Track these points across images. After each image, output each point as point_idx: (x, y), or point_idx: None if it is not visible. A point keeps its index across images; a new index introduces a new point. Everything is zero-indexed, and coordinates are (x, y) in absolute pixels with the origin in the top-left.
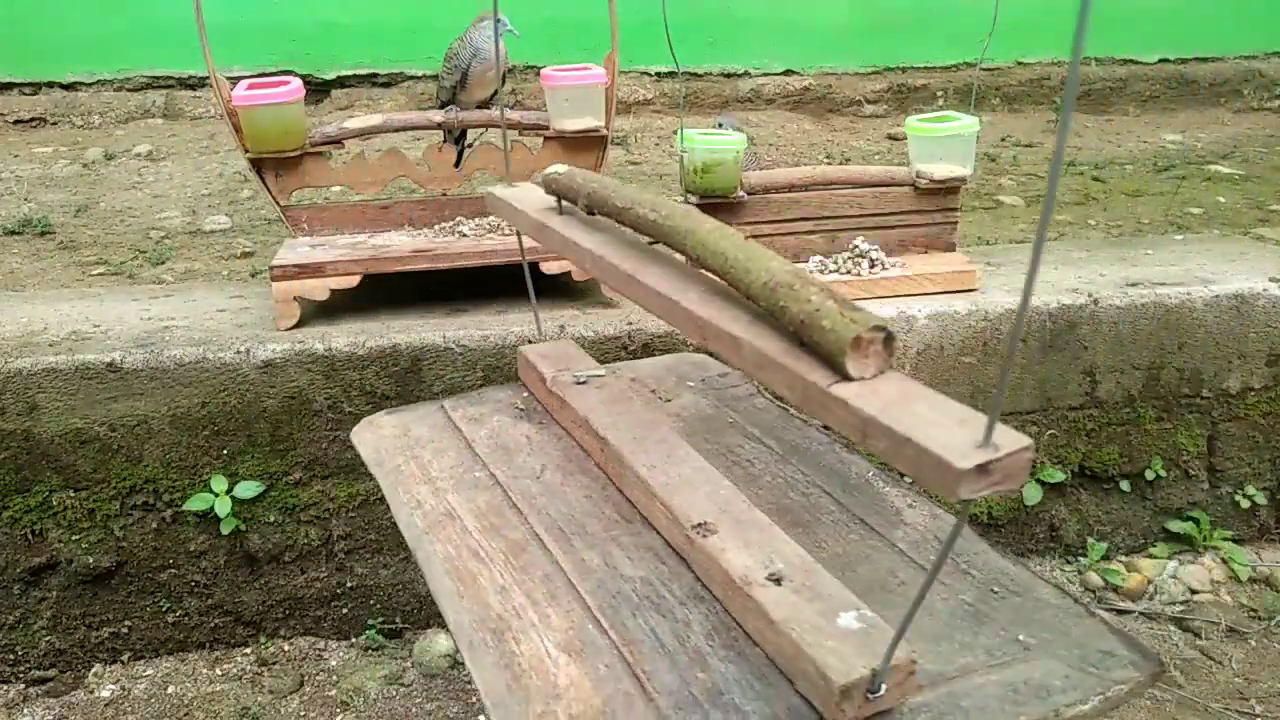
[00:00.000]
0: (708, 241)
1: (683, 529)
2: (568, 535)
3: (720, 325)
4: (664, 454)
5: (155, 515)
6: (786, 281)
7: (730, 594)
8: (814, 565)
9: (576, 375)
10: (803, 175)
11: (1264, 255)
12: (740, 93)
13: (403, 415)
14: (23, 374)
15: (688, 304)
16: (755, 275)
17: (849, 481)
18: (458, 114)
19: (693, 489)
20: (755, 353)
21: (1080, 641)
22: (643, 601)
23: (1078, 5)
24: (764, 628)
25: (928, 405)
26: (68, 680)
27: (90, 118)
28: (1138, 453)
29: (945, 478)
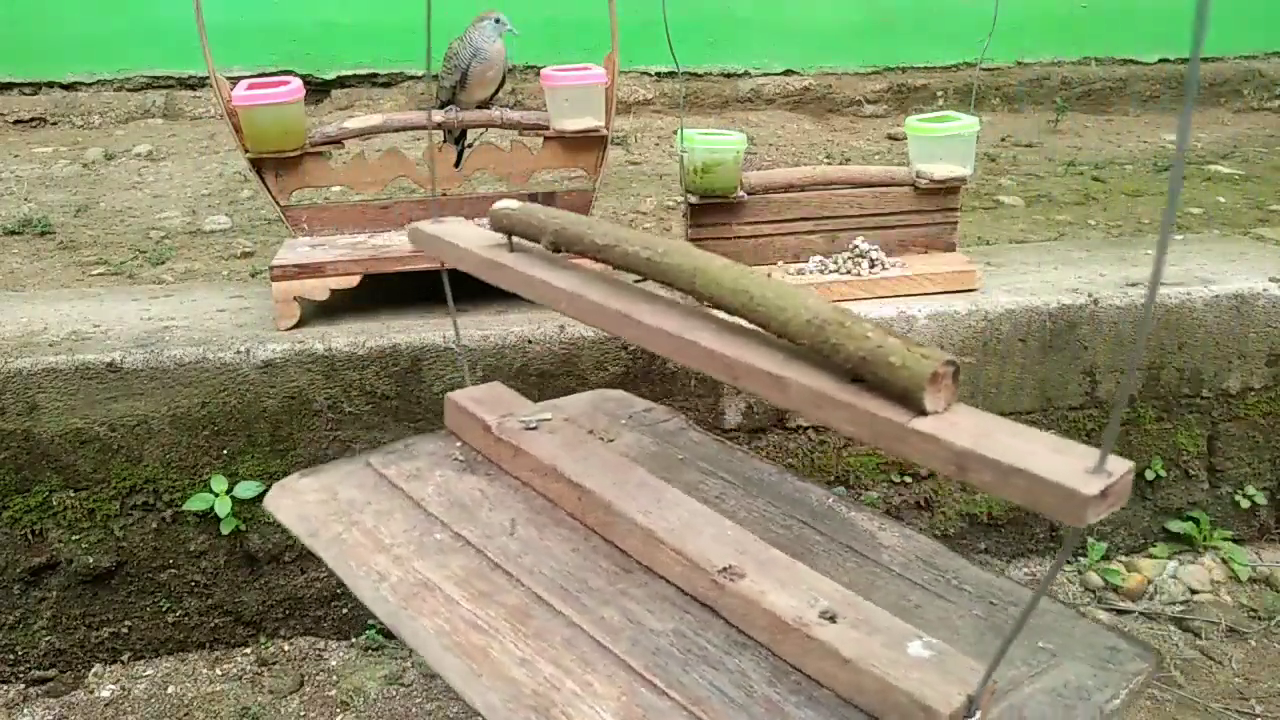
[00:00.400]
0: (723, 279)
1: (707, 575)
2: (572, 593)
3: (757, 364)
4: (652, 498)
5: (155, 515)
6: (835, 319)
7: (781, 637)
8: (855, 598)
9: (524, 420)
10: (803, 175)
11: (1264, 255)
12: (740, 93)
13: (323, 477)
14: (23, 374)
15: (709, 343)
16: (794, 313)
17: (815, 510)
18: (458, 114)
19: (698, 532)
20: (807, 392)
21: (1086, 641)
22: (687, 655)
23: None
24: (835, 668)
25: (1010, 434)
26: (68, 680)
27: (90, 118)
28: (1138, 453)
29: (1071, 505)
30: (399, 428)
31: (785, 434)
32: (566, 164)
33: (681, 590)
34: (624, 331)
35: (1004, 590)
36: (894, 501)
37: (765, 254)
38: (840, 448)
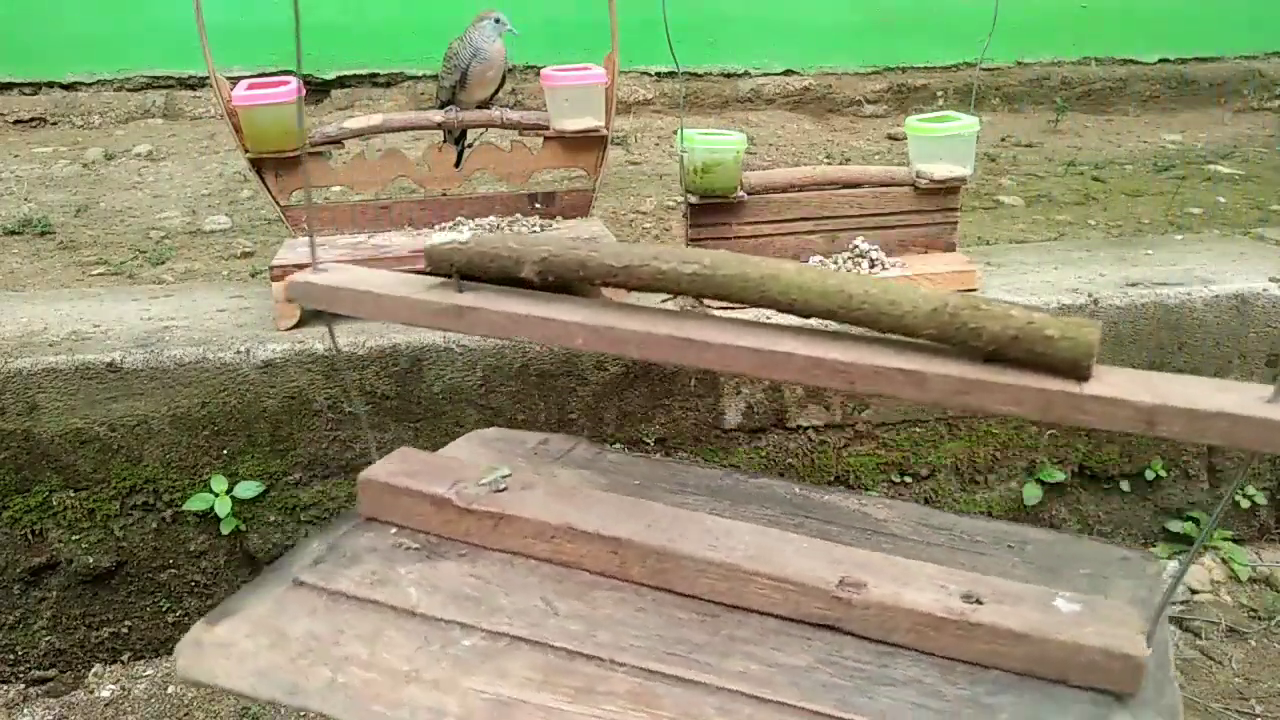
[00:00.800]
0: (808, 283)
1: (824, 593)
2: (683, 656)
3: (883, 364)
4: (699, 530)
5: (155, 515)
6: (968, 304)
7: (934, 633)
8: (973, 575)
9: (488, 483)
10: (803, 175)
11: (1264, 255)
12: (740, 93)
13: (248, 615)
14: (23, 374)
15: (811, 352)
16: (916, 305)
17: (795, 502)
18: (458, 114)
19: (781, 552)
20: (951, 381)
21: (1103, 559)
22: (853, 680)
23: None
24: (1008, 646)
25: (1180, 384)
26: (68, 680)
27: (90, 118)
28: (1138, 453)
29: (1273, 433)
30: (399, 428)
31: (785, 434)
32: (566, 164)
33: (786, 619)
34: (685, 357)
35: (1012, 533)
36: None
37: (765, 254)
38: (840, 448)
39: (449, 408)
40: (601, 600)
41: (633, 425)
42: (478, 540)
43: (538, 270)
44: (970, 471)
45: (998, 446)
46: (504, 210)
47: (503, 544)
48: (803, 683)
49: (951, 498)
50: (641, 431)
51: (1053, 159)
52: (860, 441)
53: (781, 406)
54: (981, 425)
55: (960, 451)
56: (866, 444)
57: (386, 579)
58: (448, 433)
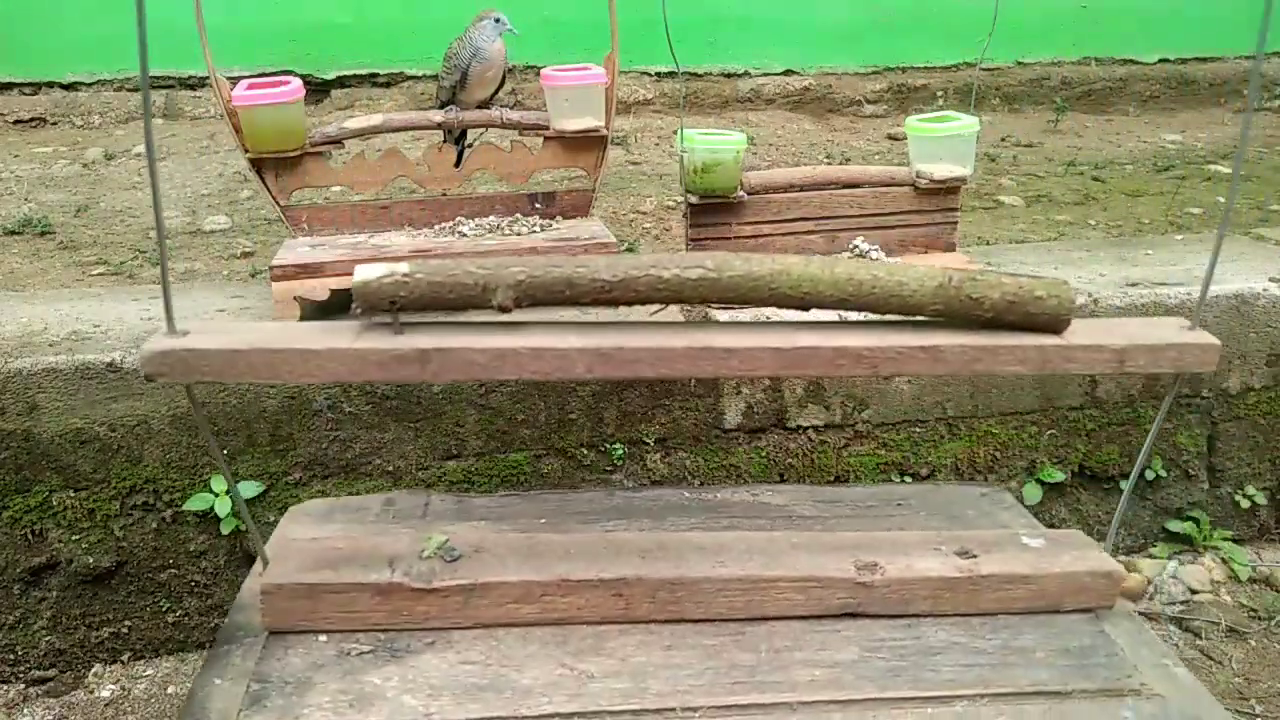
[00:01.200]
0: (818, 275)
1: (848, 580)
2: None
3: (903, 344)
4: (691, 550)
5: (155, 515)
6: (966, 276)
7: (948, 594)
8: (945, 534)
9: (441, 553)
10: (803, 175)
11: (1264, 255)
12: (740, 93)
13: None
14: (23, 374)
15: (837, 342)
16: (922, 283)
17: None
18: (458, 114)
19: (780, 554)
20: (963, 350)
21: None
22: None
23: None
24: (1012, 589)
25: (1121, 325)
26: (68, 680)
27: (90, 118)
28: (1137, 453)
29: (1208, 355)
30: (399, 428)
31: (785, 434)
32: (566, 164)
33: (806, 617)
34: (704, 369)
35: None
36: None
37: (765, 254)
38: (840, 448)
39: (449, 408)
40: (622, 649)
41: (632, 425)
42: (442, 621)
43: (513, 297)
44: (970, 471)
45: (997, 446)
46: (504, 210)
47: (477, 618)
48: (866, 673)
49: None
50: (641, 432)
51: (1053, 159)
52: (860, 441)
53: (782, 406)
54: (981, 425)
55: (960, 451)
56: (866, 444)
57: (365, 696)
58: (448, 433)
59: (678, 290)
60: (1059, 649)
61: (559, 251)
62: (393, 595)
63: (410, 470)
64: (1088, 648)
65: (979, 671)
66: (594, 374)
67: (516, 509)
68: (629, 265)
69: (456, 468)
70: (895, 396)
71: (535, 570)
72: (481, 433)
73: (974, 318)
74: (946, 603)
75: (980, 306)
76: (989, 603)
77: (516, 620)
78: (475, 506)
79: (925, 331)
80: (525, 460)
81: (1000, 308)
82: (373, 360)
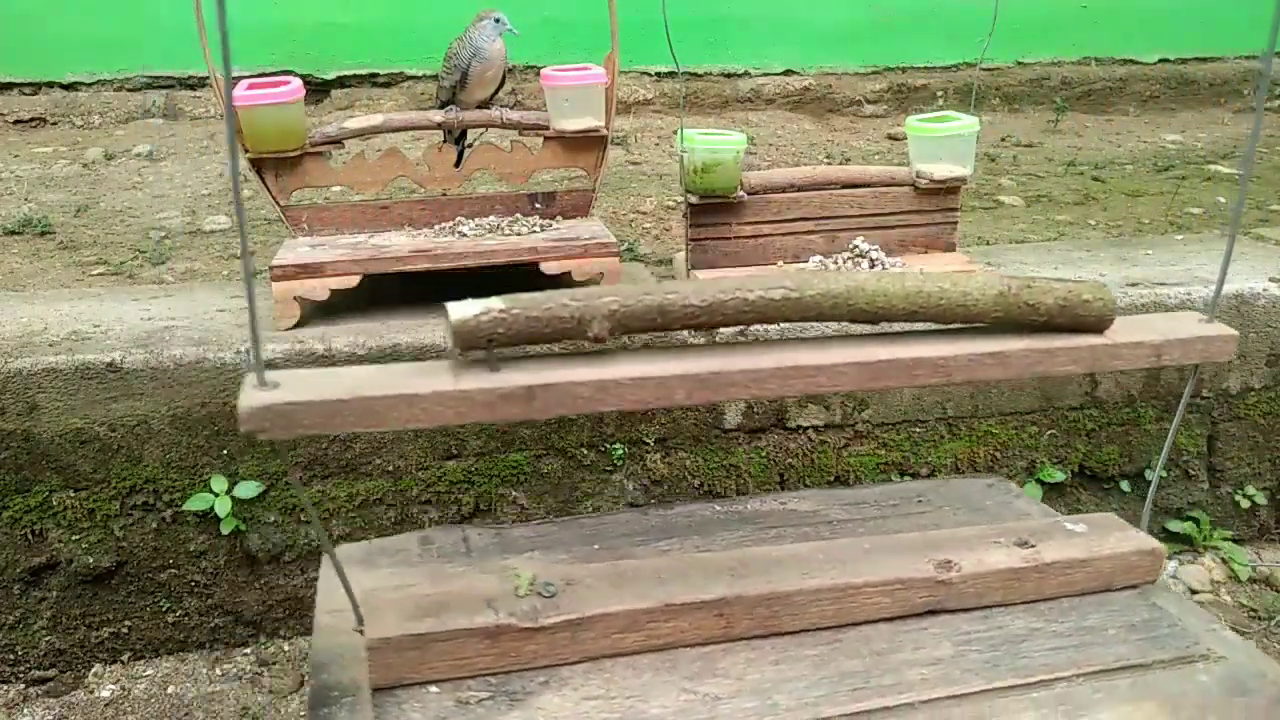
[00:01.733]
0: (890, 290)
1: (927, 579)
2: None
3: (970, 351)
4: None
5: (155, 515)
6: (1022, 283)
7: (1016, 583)
8: (999, 527)
9: (542, 590)
10: (803, 175)
11: (1264, 255)
12: (740, 93)
13: None
14: (23, 374)
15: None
16: (982, 291)
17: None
18: (458, 114)
19: (865, 559)
20: (1027, 354)
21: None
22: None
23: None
24: (1071, 574)
25: (1148, 321)
26: (68, 680)
27: (90, 118)
28: (1138, 453)
29: (1229, 345)
30: None
31: (785, 434)
32: (566, 164)
33: (892, 619)
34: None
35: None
36: None
37: (765, 254)
38: (840, 447)
39: None
40: (733, 668)
41: (632, 425)
42: (550, 659)
43: (608, 327)
44: (970, 471)
45: (997, 446)
46: (504, 210)
47: (584, 651)
48: (969, 667)
49: None
50: (641, 432)
51: (1053, 159)
52: (860, 441)
53: (781, 406)
54: (981, 425)
55: (960, 451)
56: (866, 444)
57: None
58: (448, 433)
59: (762, 311)
60: (1125, 625)
61: (559, 251)
62: (501, 637)
63: (410, 470)
64: (1149, 621)
65: (1067, 654)
66: (692, 400)
67: (557, 537)
68: (716, 290)
69: (456, 468)
70: (895, 396)
71: (636, 598)
72: (481, 433)
73: (1029, 322)
74: (1016, 592)
75: (1036, 311)
76: (1052, 588)
77: (622, 650)
78: (515, 538)
79: (988, 338)
80: (525, 460)
81: (1053, 311)
82: (479, 401)
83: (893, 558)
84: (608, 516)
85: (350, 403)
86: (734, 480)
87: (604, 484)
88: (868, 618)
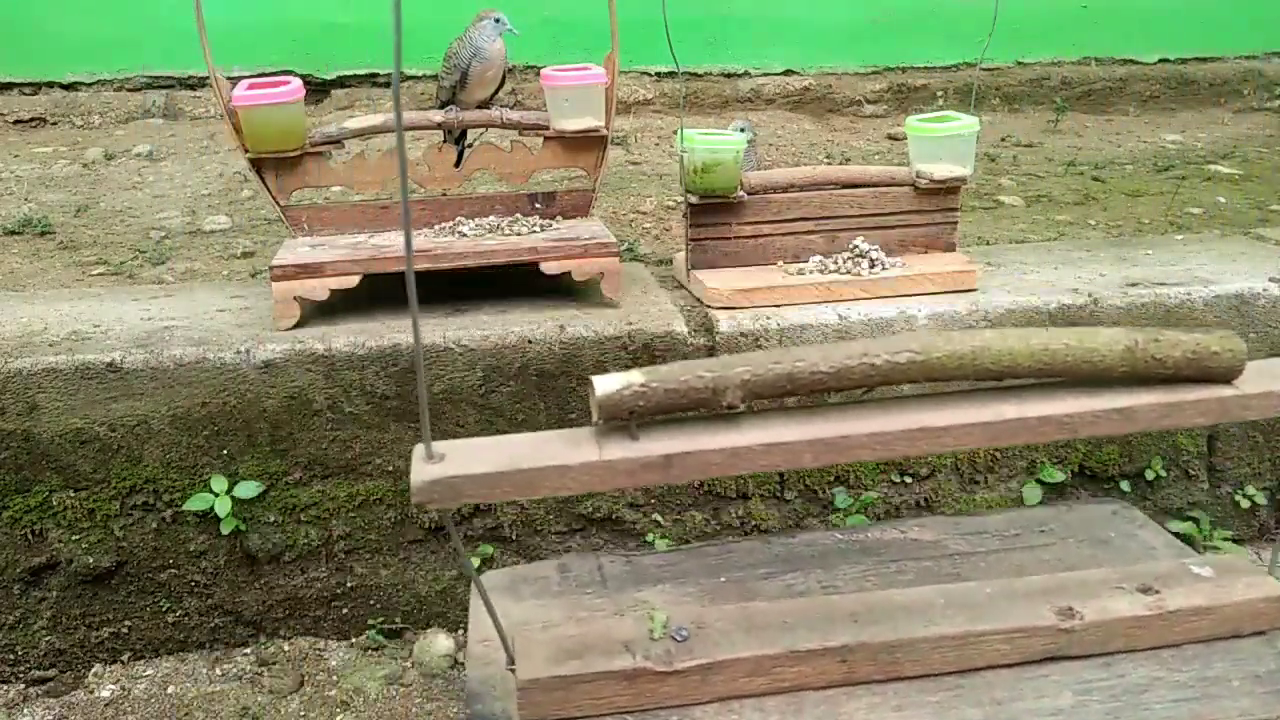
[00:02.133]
0: (1015, 348)
1: (1050, 628)
2: None
3: (1098, 407)
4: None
5: (155, 515)
6: (1149, 338)
7: (1142, 630)
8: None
9: (674, 633)
10: (803, 175)
11: (1264, 255)
12: (740, 93)
13: None
14: (23, 374)
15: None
16: (1109, 346)
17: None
18: (458, 114)
19: (987, 607)
20: (1153, 408)
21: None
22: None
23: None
24: (1196, 621)
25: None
26: (68, 680)
27: (90, 118)
28: (1138, 453)
29: None
30: (399, 428)
31: None
32: (566, 164)
33: (1013, 665)
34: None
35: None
36: (894, 501)
37: (765, 254)
38: None
39: (449, 408)
40: (856, 713)
41: None
42: (681, 699)
43: (741, 396)
44: (970, 471)
45: (998, 446)
46: (504, 210)
47: (713, 693)
48: (1089, 717)
49: (952, 498)
50: None
51: (1053, 159)
52: (1198, 426)
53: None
54: None
55: (961, 451)
56: None
57: None
58: (448, 433)
59: (888, 374)
60: (1249, 675)
61: (559, 251)
62: (638, 679)
63: (410, 470)
64: (1276, 672)
65: (1189, 706)
66: (819, 463)
67: (684, 567)
68: (844, 356)
69: None
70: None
71: (762, 644)
72: (481, 433)
73: (1157, 376)
74: (1139, 639)
75: (1164, 366)
76: (1176, 635)
77: (750, 692)
78: (646, 567)
79: (1113, 393)
80: None
81: (1181, 365)
82: (622, 470)
83: (1014, 605)
84: (732, 545)
85: (510, 474)
86: (734, 480)
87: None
88: (989, 663)
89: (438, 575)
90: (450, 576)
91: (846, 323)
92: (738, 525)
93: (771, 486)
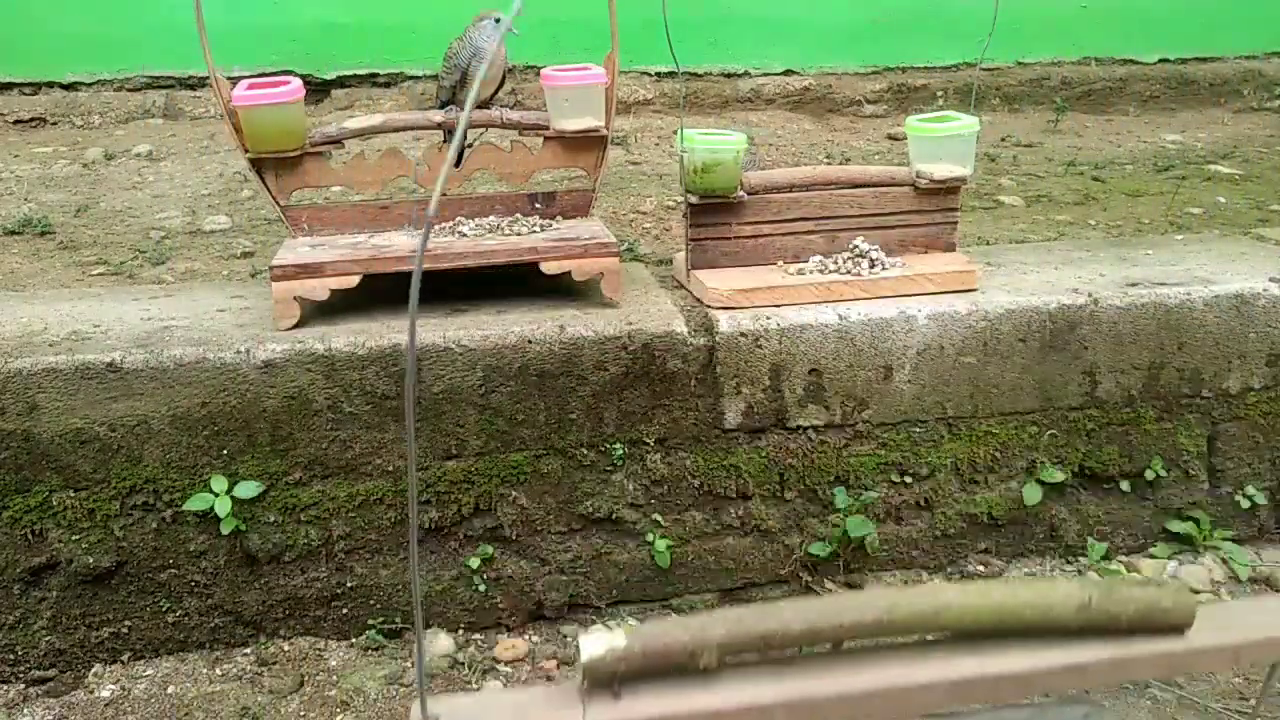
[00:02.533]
0: (976, 605)
1: None
2: None
3: (1055, 663)
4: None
5: (155, 515)
6: (1102, 593)
7: None
8: None
9: None
10: (803, 175)
11: (1264, 255)
12: (740, 93)
13: None
14: (23, 374)
15: (995, 670)
16: (1064, 602)
17: None
18: (458, 114)
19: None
20: (1107, 664)
21: None
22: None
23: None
24: None
25: (1227, 612)
26: (68, 680)
27: (90, 118)
28: (1138, 453)
29: None
30: (399, 428)
31: (786, 434)
32: (566, 164)
33: None
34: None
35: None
36: (894, 501)
37: (765, 254)
38: (840, 448)
39: (449, 408)
40: None
41: (632, 425)
42: None
43: (717, 658)
44: (970, 471)
45: (997, 446)
46: (504, 210)
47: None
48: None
49: (952, 498)
50: (641, 432)
51: (1053, 159)
52: (860, 441)
53: (782, 406)
54: (981, 425)
55: (960, 451)
56: (867, 444)
57: None
58: (448, 433)
59: (855, 632)
60: None
61: (559, 251)
62: None
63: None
64: None
65: None
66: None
67: None
68: (816, 614)
69: (456, 468)
70: (895, 397)
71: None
72: (481, 433)
73: (1109, 629)
74: None
75: (1117, 621)
76: None
77: None
78: None
79: (1067, 648)
80: (525, 460)
81: (1134, 620)
82: None
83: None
84: None
85: None
86: (734, 480)
87: (604, 484)
88: None
89: (438, 575)
90: (450, 576)
91: (846, 323)
92: (738, 525)
93: (771, 486)
